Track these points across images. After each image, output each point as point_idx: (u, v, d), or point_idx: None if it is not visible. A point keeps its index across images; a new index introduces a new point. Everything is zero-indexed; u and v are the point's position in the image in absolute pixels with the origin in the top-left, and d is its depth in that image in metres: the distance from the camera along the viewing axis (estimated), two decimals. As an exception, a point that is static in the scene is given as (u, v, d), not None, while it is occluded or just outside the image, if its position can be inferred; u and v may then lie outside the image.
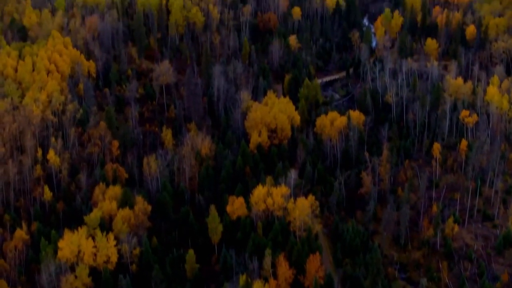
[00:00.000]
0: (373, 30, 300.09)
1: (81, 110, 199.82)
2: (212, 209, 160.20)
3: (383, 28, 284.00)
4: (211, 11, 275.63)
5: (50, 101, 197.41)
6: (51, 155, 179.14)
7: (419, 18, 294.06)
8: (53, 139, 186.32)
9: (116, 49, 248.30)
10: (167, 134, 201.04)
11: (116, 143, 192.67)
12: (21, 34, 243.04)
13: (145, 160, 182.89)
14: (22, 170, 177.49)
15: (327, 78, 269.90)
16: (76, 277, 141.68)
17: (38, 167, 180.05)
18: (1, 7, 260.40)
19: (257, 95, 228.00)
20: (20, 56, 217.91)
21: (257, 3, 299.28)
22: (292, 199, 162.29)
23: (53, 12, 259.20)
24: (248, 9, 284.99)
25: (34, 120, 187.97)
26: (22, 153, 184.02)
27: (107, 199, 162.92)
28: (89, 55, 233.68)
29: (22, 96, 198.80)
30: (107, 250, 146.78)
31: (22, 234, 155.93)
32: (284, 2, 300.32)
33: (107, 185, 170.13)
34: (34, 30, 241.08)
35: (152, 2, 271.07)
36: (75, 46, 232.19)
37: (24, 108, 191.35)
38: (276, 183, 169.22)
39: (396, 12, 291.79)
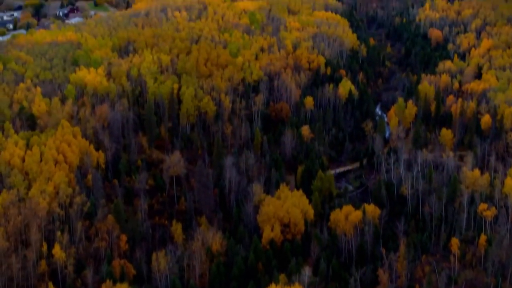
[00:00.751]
0: (386, 119, 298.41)
1: (89, 203, 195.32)
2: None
3: (397, 118, 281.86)
4: (223, 100, 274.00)
5: (57, 193, 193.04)
6: (57, 249, 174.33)
7: (433, 107, 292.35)
8: (59, 233, 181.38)
9: (126, 139, 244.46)
10: (177, 228, 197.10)
11: (124, 237, 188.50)
12: (30, 122, 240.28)
13: (154, 255, 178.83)
14: (26, 265, 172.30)
15: (341, 169, 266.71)
16: None
17: (43, 262, 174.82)
18: (11, 94, 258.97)
19: (270, 187, 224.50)
20: (28, 146, 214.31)
21: (269, 93, 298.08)
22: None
23: (63, 100, 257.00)
24: (260, 98, 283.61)
25: (40, 212, 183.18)
26: (27, 247, 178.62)
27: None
28: (98, 145, 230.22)
29: (29, 187, 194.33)
30: None
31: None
32: (296, 92, 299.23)
33: (114, 282, 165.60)
34: (43, 119, 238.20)
35: (163, 91, 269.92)
36: (84, 135, 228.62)
37: (30, 200, 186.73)
38: (289, 281, 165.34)
39: (410, 102, 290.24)
